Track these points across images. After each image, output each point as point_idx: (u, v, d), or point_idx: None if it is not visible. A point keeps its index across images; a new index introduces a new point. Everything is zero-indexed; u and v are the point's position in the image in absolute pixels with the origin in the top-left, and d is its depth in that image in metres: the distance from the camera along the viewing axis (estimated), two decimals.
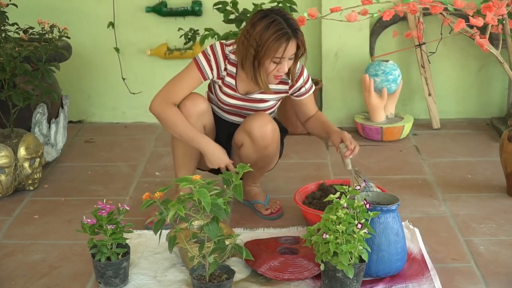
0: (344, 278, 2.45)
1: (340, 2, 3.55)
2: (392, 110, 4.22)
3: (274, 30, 2.76)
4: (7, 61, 3.38)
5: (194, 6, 4.30)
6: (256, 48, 2.78)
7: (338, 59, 4.27)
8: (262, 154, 3.00)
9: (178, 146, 3.04)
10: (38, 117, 3.70)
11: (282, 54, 2.78)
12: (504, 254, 2.82)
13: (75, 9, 4.35)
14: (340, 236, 2.42)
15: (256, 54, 2.80)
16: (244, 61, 2.84)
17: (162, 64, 4.43)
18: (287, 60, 2.83)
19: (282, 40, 2.76)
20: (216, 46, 2.93)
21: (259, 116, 2.98)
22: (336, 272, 2.45)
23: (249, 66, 2.84)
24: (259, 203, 3.20)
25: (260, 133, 2.94)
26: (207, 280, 2.44)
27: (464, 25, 2.92)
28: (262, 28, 2.77)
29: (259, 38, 2.77)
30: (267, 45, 2.76)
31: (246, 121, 2.99)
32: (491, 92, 4.44)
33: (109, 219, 2.56)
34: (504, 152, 3.29)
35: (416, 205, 3.27)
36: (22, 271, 2.76)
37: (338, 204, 2.48)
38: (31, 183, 3.48)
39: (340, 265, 2.42)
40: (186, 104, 2.95)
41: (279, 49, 2.77)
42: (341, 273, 2.44)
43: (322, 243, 2.45)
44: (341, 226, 2.42)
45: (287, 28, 2.76)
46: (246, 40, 2.81)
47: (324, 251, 2.45)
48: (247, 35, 2.81)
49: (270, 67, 2.82)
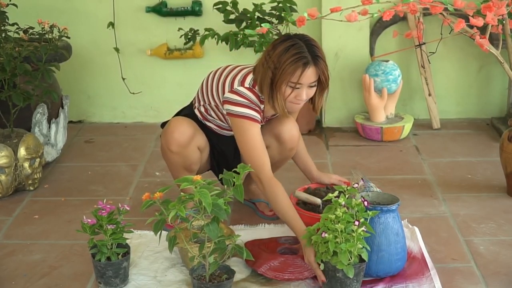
0: (344, 278, 2.45)
1: (340, 2, 3.54)
2: (392, 110, 4.22)
3: (293, 53, 2.66)
4: (7, 61, 3.38)
5: (194, 6, 4.30)
6: (273, 70, 2.69)
7: (338, 59, 4.27)
8: (285, 155, 3.04)
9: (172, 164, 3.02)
10: (38, 117, 3.70)
11: (298, 79, 2.67)
12: (504, 254, 2.82)
13: (75, 9, 4.35)
14: (340, 235, 2.42)
15: (273, 77, 2.70)
16: (263, 83, 2.74)
17: (162, 64, 4.43)
18: (306, 88, 2.72)
19: (299, 64, 2.65)
20: (247, 93, 2.77)
21: (286, 120, 2.96)
22: (336, 272, 2.45)
23: (266, 89, 2.74)
24: (263, 202, 3.21)
25: (289, 136, 2.97)
26: (207, 280, 2.44)
27: (464, 25, 2.92)
28: (282, 50, 2.68)
29: (277, 60, 2.67)
30: (283, 68, 2.66)
31: (273, 125, 2.98)
32: (491, 92, 4.44)
33: (109, 219, 2.56)
34: (504, 152, 3.29)
35: (416, 205, 3.27)
36: (22, 271, 2.76)
37: (337, 203, 2.48)
38: (31, 183, 3.48)
39: (340, 264, 2.42)
40: (174, 137, 2.90)
41: (295, 73, 2.66)
42: (341, 273, 2.44)
43: (322, 243, 2.45)
44: (340, 225, 2.42)
45: (306, 53, 2.67)
46: (266, 62, 2.72)
47: (324, 250, 2.45)
48: (267, 57, 2.73)
49: (286, 92, 2.72)
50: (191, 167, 3.00)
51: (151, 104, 4.52)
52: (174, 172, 3.04)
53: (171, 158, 2.98)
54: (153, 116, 4.51)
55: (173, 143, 2.92)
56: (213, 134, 3.05)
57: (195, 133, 2.95)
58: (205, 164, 3.11)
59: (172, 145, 2.92)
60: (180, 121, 2.95)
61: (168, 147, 2.94)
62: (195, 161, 2.98)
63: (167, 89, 4.48)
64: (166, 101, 4.45)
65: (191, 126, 2.95)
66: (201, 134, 2.99)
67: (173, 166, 3.02)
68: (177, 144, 2.92)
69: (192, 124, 2.96)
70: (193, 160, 2.97)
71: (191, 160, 2.96)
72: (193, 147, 2.95)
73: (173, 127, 2.93)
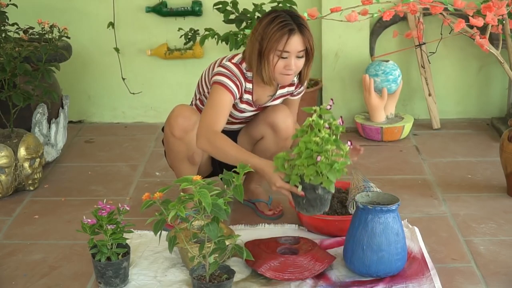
0: (323, 194, 2.56)
1: (340, 2, 3.55)
2: (392, 110, 4.22)
3: (278, 22, 2.75)
4: (7, 61, 3.38)
5: (194, 6, 4.30)
6: (260, 41, 2.78)
7: (338, 59, 4.27)
8: (281, 146, 3.03)
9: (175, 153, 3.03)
10: (38, 117, 3.70)
11: (284, 46, 2.74)
12: (504, 254, 2.82)
13: (75, 9, 4.35)
14: (330, 156, 2.47)
15: (261, 47, 2.78)
16: (251, 56, 2.82)
17: (162, 64, 4.43)
18: (294, 58, 2.79)
19: (284, 31, 2.73)
20: (230, 66, 2.87)
21: (280, 108, 3.01)
22: (315, 189, 2.54)
23: (255, 60, 2.82)
24: (262, 202, 3.21)
25: (284, 125, 2.98)
26: (207, 280, 2.44)
27: (464, 25, 2.92)
28: (267, 21, 2.77)
29: (263, 31, 2.77)
30: (269, 37, 2.74)
31: (267, 115, 3.00)
32: (491, 92, 4.44)
33: (109, 219, 2.56)
34: (504, 152, 3.29)
35: (416, 205, 3.27)
36: (22, 271, 2.76)
37: (319, 125, 2.50)
38: (31, 183, 3.48)
39: (327, 182, 2.49)
40: (178, 121, 2.93)
41: (281, 40, 2.74)
42: (320, 189, 2.54)
43: (306, 166, 2.49)
44: (330, 146, 2.47)
45: (291, 21, 2.75)
46: (253, 36, 2.82)
47: (311, 173, 2.49)
48: (253, 31, 2.82)
49: (275, 62, 2.78)
50: (194, 158, 3.00)
51: (151, 104, 4.52)
52: (177, 164, 3.04)
53: (174, 146, 2.98)
54: (153, 116, 4.51)
55: (177, 127, 2.93)
56: None
57: (198, 119, 2.96)
58: (206, 162, 3.11)
59: (175, 130, 2.93)
60: (184, 107, 2.98)
61: (172, 132, 2.94)
62: (198, 151, 2.98)
63: (167, 89, 4.48)
64: (166, 101, 4.45)
65: (195, 113, 2.97)
66: None
67: (175, 157, 3.01)
68: (181, 129, 2.93)
69: (195, 111, 2.99)
70: (196, 149, 2.97)
71: (194, 149, 2.96)
72: (195, 134, 2.96)
73: (177, 112, 2.95)
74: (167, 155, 3.09)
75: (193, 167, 3.03)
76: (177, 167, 3.05)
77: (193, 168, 3.03)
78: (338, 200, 3.03)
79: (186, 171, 3.00)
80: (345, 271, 2.68)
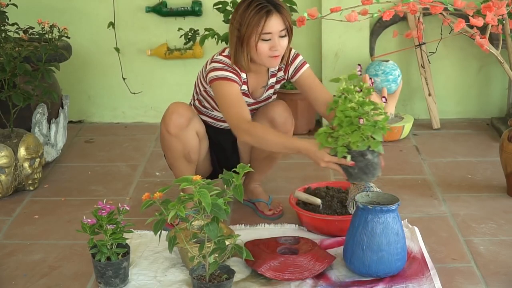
0: (372, 158, 2.54)
1: (340, 2, 3.55)
2: (392, 110, 4.22)
3: (254, 6, 2.77)
4: (7, 61, 3.38)
5: (194, 6, 4.30)
6: (239, 28, 2.80)
7: (338, 59, 4.27)
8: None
9: (171, 152, 3.03)
10: (38, 117, 3.70)
11: (263, 28, 2.75)
12: (504, 254, 2.82)
13: (75, 9, 4.35)
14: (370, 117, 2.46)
15: (239, 34, 2.80)
16: (232, 46, 2.85)
17: (162, 64, 4.43)
18: (278, 38, 2.79)
19: (262, 13, 2.75)
20: (223, 59, 2.89)
21: (278, 103, 3.04)
22: (364, 155, 2.52)
23: (233, 47, 2.84)
24: (262, 202, 3.21)
25: (282, 119, 3.00)
26: (207, 280, 2.44)
27: (464, 25, 2.92)
28: (243, 8, 2.80)
29: (240, 17, 2.79)
30: (247, 22, 2.76)
31: (266, 110, 3.02)
32: (491, 92, 4.44)
33: (109, 219, 2.56)
34: (504, 152, 3.29)
35: (416, 205, 3.27)
36: (22, 271, 2.76)
37: (351, 90, 2.50)
38: (31, 183, 3.48)
39: (375, 144, 2.47)
40: (172, 118, 2.93)
41: (260, 23, 2.75)
42: (369, 154, 2.53)
43: (350, 133, 2.48)
44: (368, 107, 2.45)
45: (267, 3, 2.77)
46: (232, 25, 2.84)
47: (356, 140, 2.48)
48: (232, 21, 2.85)
49: (260, 46, 2.79)
50: (190, 156, 3.00)
51: (151, 104, 4.52)
52: (174, 163, 3.04)
53: (170, 144, 2.98)
54: (153, 116, 4.51)
55: (172, 124, 2.93)
56: (211, 129, 3.07)
57: (193, 117, 2.99)
58: (206, 163, 3.11)
59: (170, 127, 2.93)
60: (179, 104, 2.99)
61: (167, 129, 2.94)
62: (194, 149, 2.99)
63: (167, 89, 4.48)
64: (166, 101, 4.39)
65: (189, 110, 2.99)
66: (198, 119, 3.03)
67: (172, 155, 3.01)
68: (176, 125, 2.93)
69: (190, 108, 3.01)
70: (191, 147, 2.97)
71: (189, 147, 2.97)
72: (191, 131, 2.97)
73: (172, 109, 2.96)
74: (165, 153, 3.09)
75: (190, 165, 3.03)
76: (175, 166, 3.05)
77: (191, 166, 3.03)
78: (338, 200, 3.03)
79: (183, 169, 3.00)
80: (345, 271, 2.68)
